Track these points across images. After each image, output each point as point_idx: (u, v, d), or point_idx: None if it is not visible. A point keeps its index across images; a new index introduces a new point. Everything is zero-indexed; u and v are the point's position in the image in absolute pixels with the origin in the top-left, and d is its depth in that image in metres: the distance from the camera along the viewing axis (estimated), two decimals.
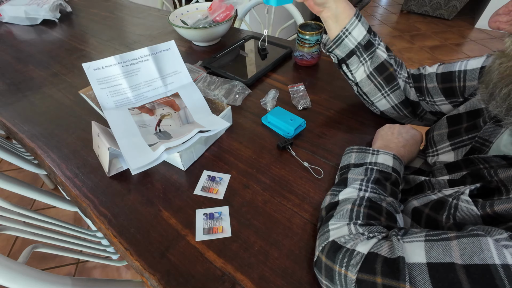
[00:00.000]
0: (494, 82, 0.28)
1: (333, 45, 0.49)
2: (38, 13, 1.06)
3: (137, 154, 0.44)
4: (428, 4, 2.97)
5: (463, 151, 0.40)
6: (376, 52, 0.48)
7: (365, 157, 0.44)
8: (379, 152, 0.44)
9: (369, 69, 0.49)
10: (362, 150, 0.46)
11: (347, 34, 0.47)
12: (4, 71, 0.79)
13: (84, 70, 0.51)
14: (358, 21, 0.47)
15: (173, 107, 0.55)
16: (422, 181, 0.41)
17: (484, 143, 0.37)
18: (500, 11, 0.26)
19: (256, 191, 0.47)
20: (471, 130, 0.40)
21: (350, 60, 0.49)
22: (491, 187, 0.31)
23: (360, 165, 0.43)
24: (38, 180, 1.45)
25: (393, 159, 0.43)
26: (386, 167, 0.42)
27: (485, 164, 0.34)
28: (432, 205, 0.34)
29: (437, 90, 0.48)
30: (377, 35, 0.50)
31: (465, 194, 0.30)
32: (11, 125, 0.60)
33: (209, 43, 0.90)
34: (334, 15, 0.46)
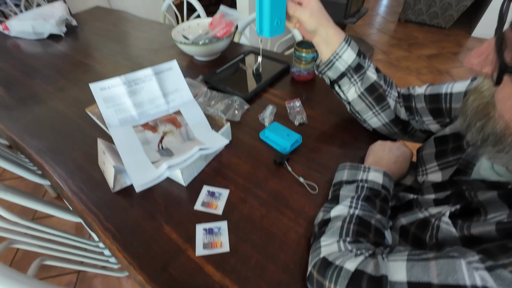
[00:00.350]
0: (470, 116, 0.31)
1: (325, 67, 0.52)
2: (45, 28, 1.10)
3: (140, 172, 0.46)
4: (425, 13, 3.02)
5: (450, 171, 0.42)
6: (366, 73, 0.51)
7: (356, 174, 0.47)
8: (370, 169, 0.46)
9: (360, 89, 0.52)
10: (354, 167, 0.48)
11: (337, 57, 0.50)
12: (12, 85, 0.82)
13: (91, 90, 0.54)
14: (347, 46, 0.49)
15: (175, 124, 0.58)
16: (410, 199, 0.44)
17: (468, 165, 0.40)
18: (472, 54, 0.29)
19: (254, 206, 0.49)
20: (456, 151, 0.42)
21: (342, 81, 0.52)
22: (471, 208, 0.34)
23: (352, 182, 0.46)
24: (40, 188, 1.48)
25: (383, 176, 0.45)
26: (376, 184, 0.44)
27: (467, 185, 0.37)
28: (417, 225, 0.36)
29: (425, 110, 0.51)
30: (367, 57, 0.53)
31: (445, 215, 0.32)
32: (20, 140, 0.62)
33: (209, 58, 0.93)
34: (325, 41, 0.49)
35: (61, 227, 1.32)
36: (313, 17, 0.46)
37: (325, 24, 0.48)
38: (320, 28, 0.48)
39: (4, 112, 0.72)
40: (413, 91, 0.54)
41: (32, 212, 1.35)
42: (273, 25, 0.46)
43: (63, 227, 1.28)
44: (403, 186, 0.54)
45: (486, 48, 0.28)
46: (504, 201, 0.31)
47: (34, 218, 1.33)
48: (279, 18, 0.46)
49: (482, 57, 0.28)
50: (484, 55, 0.28)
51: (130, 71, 0.88)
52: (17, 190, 0.59)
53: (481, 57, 0.28)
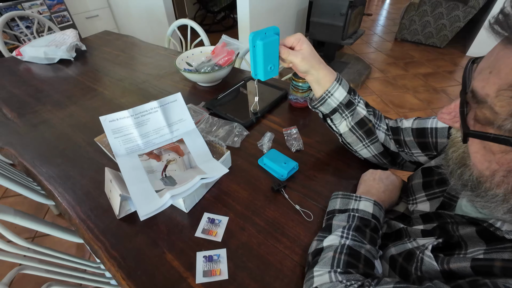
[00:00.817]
0: (451, 165, 0.34)
1: (317, 103, 0.56)
2: (56, 54, 1.16)
3: (145, 201, 0.49)
4: (420, 33, 3.12)
5: (436, 202, 0.45)
6: (356, 109, 0.55)
7: (348, 203, 0.50)
8: (361, 199, 0.49)
9: (350, 123, 0.56)
10: (346, 196, 0.51)
11: (329, 95, 0.54)
12: (24, 111, 0.87)
13: (101, 122, 0.58)
14: (339, 85, 0.53)
15: (178, 152, 0.62)
16: (400, 228, 0.46)
17: (452, 198, 0.43)
18: (443, 111, 0.33)
19: (252, 233, 0.52)
20: (441, 184, 0.45)
21: (334, 116, 0.56)
22: (453, 242, 0.36)
23: (344, 211, 0.48)
24: (43, 205, 1.50)
25: (373, 205, 0.48)
26: (367, 214, 0.47)
27: (451, 219, 0.39)
28: (404, 256, 0.39)
29: (413, 143, 0.54)
30: (357, 93, 0.57)
31: (428, 249, 0.35)
32: (31, 167, 0.66)
33: (211, 84, 0.98)
34: (317, 80, 0.53)
35: (62, 246, 1.33)
36: (305, 60, 0.50)
37: (316, 67, 0.52)
38: (311, 70, 0.52)
39: (16, 138, 0.76)
40: (401, 123, 0.57)
41: (34, 231, 1.37)
42: (267, 69, 0.50)
43: (64, 245, 1.30)
44: (396, 213, 0.56)
45: (453, 108, 0.32)
46: (481, 237, 0.34)
47: (35, 236, 1.35)
48: (272, 63, 0.50)
49: (452, 115, 0.32)
50: (453, 112, 0.32)
51: (136, 96, 0.93)
52: (25, 214, 0.62)
53: (451, 114, 0.32)
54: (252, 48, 0.48)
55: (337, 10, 2.11)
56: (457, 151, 0.33)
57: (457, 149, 0.34)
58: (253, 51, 0.48)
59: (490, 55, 0.27)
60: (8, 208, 0.60)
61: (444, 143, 0.50)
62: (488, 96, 0.25)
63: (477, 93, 0.27)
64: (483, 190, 0.30)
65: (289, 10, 2.41)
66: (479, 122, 0.28)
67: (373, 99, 2.29)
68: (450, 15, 2.81)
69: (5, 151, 0.72)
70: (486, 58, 0.27)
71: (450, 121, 0.32)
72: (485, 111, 0.26)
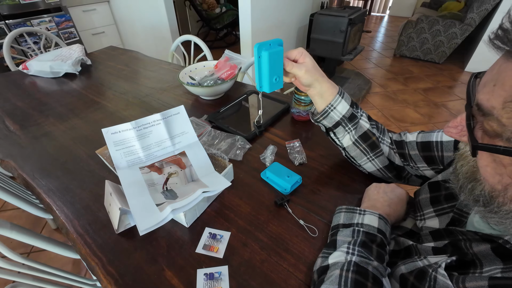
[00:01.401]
0: (461, 179, 0.33)
1: (320, 117, 0.55)
2: (62, 68, 1.18)
3: (145, 215, 0.48)
4: (419, 49, 3.19)
5: (446, 218, 0.44)
6: (359, 122, 0.55)
7: (352, 217, 0.48)
8: (366, 212, 0.48)
9: (354, 137, 0.55)
10: (350, 210, 0.49)
11: (332, 108, 0.53)
12: (27, 123, 0.87)
13: (103, 134, 0.58)
14: (341, 98, 0.53)
15: (180, 165, 0.61)
16: (410, 245, 0.44)
17: (462, 214, 0.41)
18: (450, 125, 0.32)
19: (254, 249, 0.50)
20: (449, 199, 0.44)
21: (337, 129, 0.55)
22: (467, 260, 0.35)
23: (349, 225, 0.47)
24: (41, 219, 1.47)
25: (379, 219, 0.46)
26: (372, 228, 0.45)
27: (463, 236, 0.38)
28: (416, 274, 0.37)
29: (419, 157, 0.53)
30: (359, 107, 0.56)
31: (441, 267, 0.33)
32: (30, 179, 0.65)
33: (214, 97, 0.99)
34: (320, 94, 0.53)
35: (58, 261, 1.30)
36: (308, 73, 0.50)
37: (319, 79, 0.52)
38: (315, 83, 0.52)
39: (17, 150, 0.75)
40: (405, 137, 0.56)
41: (29, 245, 1.33)
42: (272, 81, 0.50)
43: (61, 261, 1.26)
44: (404, 229, 0.54)
45: (459, 121, 0.31)
46: (497, 255, 0.32)
47: (31, 251, 1.31)
48: (277, 75, 0.50)
49: (458, 128, 0.31)
50: (460, 126, 0.31)
51: (139, 109, 0.94)
52: (22, 228, 0.61)
53: (458, 128, 0.31)
54: (257, 59, 0.48)
55: (337, 27, 2.17)
56: (466, 165, 0.32)
57: (466, 163, 0.33)
58: (258, 62, 0.48)
59: (493, 68, 0.27)
60: (4, 222, 0.59)
61: (450, 156, 0.49)
62: (494, 108, 0.25)
63: (483, 106, 0.26)
64: (496, 205, 0.29)
65: (290, 27, 2.48)
66: (487, 135, 0.27)
67: (374, 113, 2.30)
68: (447, 32, 2.88)
69: (6, 164, 0.72)
70: (489, 71, 0.27)
71: (457, 135, 0.32)
72: (492, 123, 0.26)
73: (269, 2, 2.02)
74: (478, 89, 0.28)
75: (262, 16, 2.00)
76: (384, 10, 5.47)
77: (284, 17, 2.31)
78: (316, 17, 2.24)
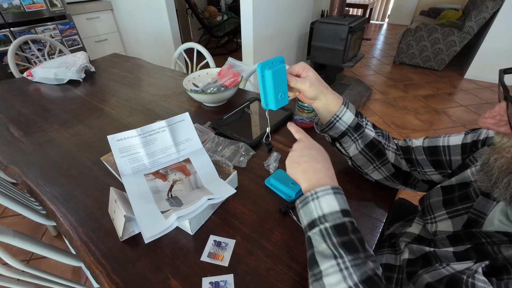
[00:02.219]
0: (496, 173, 0.33)
1: (326, 127, 0.55)
2: (66, 75, 1.19)
3: (151, 222, 0.48)
4: (418, 57, 3.22)
5: (459, 220, 0.43)
6: (365, 131, 0.55)
7: (310, 210, 0.40)
8: (318, 194, 0.40)
9: (360, 146, 0.55)
10: (304, 202, 0.42)
11: (338, 119, 0.53)
12: (31, 130, 0.87)
13: (109, 141, 0.58)
14: (346, 108, 0.53)
15: (184, 172, 0.61)
16: (427, 253, 0.43)
17: (479, 215, 0.40)
18: (486, 115, 0.32)
19: (260, 258, 0.49)
20: (464, 200, 0.43)
21: (343, 139, 0.55)
22: (498, 265, 0.33)
23: (312, 224, 0.40)
24: (41, 226, 1.46)
25: (335, 195, 0.40)
26: (336, 215, 0.38)
27: (487, 238, 0.37)
28: (447, 282, 0.34)
29: (426, 162, 0.53)
30: (364, 116, 0.57)
31: (479, 273, 0.31)
32: (34, 186, 0.65)
33: (217, 104, 0.99)
34: (325, 106, 0.53)
35: (59, 269, 1.28)
36: (313, 86, 0.50)
37: (324, 91, 0.52)
38: (320, 95, 0.51)
39: (21, 157, 0.75)
40: (411, 143, 0.57)
41: (30, 252, 1.32)
42: (278, 98, 0.49)
43: (61, 269, 1.25)
44: (411, 235, 0.53)
45: (498, 111, 0.31)
46: None
47: (30, 258, 1.30)
48: (282, 91, 0.50)
49: (496, 118, 0.31)
50: (498, 116, 0.31)
51: (143, 116, 0.94)
52: (24, 235, 0.60)
53: (496, 118, 0.31)
54: (261, 78, 0.48)
55: (337, 35, 2.19)
56: (501, 158, 0.32)
57: (500, 156, 0.32)
58: (263, 81, 0.48)
59: None
60: (7, 229, 0.59)
61: (458, 160, 0.49)
62: None
63: None
64: None
65: (291, 34, 2.51)
66: None
67: (375, 120, 2.31)
68: (446, 40, 2.91)
69: (10, 170, 0.71)
70: None
71: (495, 125, 0.31)
72: None
73: (270, 10, 2.05)
74: None
75: (264, 24, 2.03)
76: (383, 18, 5.54)
77: (285, 25, 2.34)
78: (317, 25, 2.27)
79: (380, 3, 5.39)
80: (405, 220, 0.64)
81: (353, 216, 0.40)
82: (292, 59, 2.68)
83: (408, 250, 0.47)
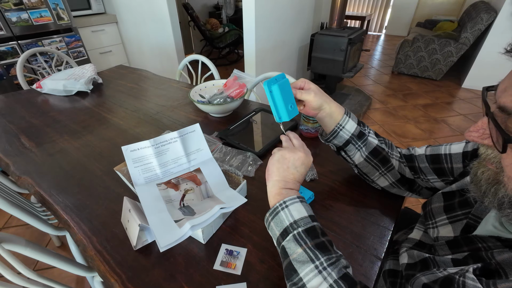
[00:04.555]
0: (484, 185, 0.35)
1: (330, 136, 0.58)
2: (75, 86, 1.22)
3: (165, 231, 0.49)
4: (416, 67, 3.28)
5: (459, 225, 0.44)
6: (368, 139, 0.57)
7: (281, 220, 0.43)
8: (288, 204, 0.44)
9: (364, 153, 0.57)
10: (274, 213, 0.45)
11: (341, 128, 0.56)
12: (42, 140, 0.89)
13: (123, 151, 0.60)
14: (348, 118, 0.56)
15: (195, 181, 0.62)
16: (426, 258, 0.45)
17: (477, 220, 0.42)
18: (471, 129, 0.34)
19: (272, 266, 0.50)
20: (464, 206, 0.45)
21: (347, 148, 0.58)
22: (491, 269, 0.35)
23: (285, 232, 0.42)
24: (45, 236, 1.46)
25: (301, 204, 0.44)
26: (306, 220, 0.42)
27: (483, 243, 0.38)
28: (441, 282, 0.36)
29: (429, 169, 0.55)
30: (366, 124, 0.59)
31: (469, 272, 0.33)
32: (47, 196, 0.66)
33: (223, 115, 1.02)
34: (329, 115, 0.56)
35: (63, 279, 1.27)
36: (317, 96, 0.54)
37: (327, 101, 0.55)
38: (324, 104, 0.55)
39: (33, 168, 0.77)
40: (414, 151, 0.59)
41: (35, 261, 1.31)
42: (289, 109, 0.52)
43: (65, 279, 1.24)
44: (412, 241, 0.54)
45: (481, 125, 0.33)
46: None
47: (35, 268, 1.29)
48: (291, 102, 0.53)
49: (480, 132, 0.34)
50: (481, 130, 0.33)
51: (150, 126, 0.96)
52: (36, 245, 0.61)
53: (479, 132, 0.34)
54: (269, 94, 0.51)
55: (337, 46, 2.25)
56: (488, 171, 0.34)
57: (486, 169, 0.34)
58: (271, 96, 0.51)
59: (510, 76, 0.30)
60: (19, 238, 0.59)
61: (459, 168, 0.51)
62: None
63: (507, 107, 0.29)
64: None
65: (292, 46, 2.57)
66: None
67: (376, 128, 2.33)
68: (443, 51, 2.98)
69: (22, 180, 0.73)
70: (507, 78, 0.31)
71: (479, 138, 0.34)
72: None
73: (272, 23, 2.11)
74: (499, 95, 0.31)
75: (265, 36, 2.09)
76: (380, 29, 5.67)
77: (286, 37, 2.40)
78: (317, 37, 2.33)
79: (377, 15, 5.52)
80: (408, 228, 0.65)
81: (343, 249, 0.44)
82: (293, 70, 2.74)
83: (408, 255, 0.48)
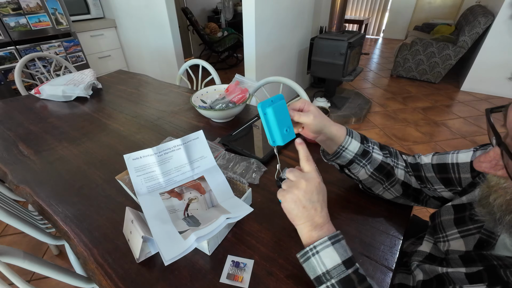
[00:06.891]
0: (497, 213, 0.34)
1: (333, 157, 0.55)
2: (74, 92, 1.20)
3: (170, 244, 0.47)
4: (415, 70, 3.29)
5: (471, 239, 0.43)
6: (373, 156, 0.55)
7: (313, 267, 0.41)
8: (318, 249, 0.41)
9: (369, 170, 0.55)
10: (305, 257, 0.43)
11: (344, 149, 0.54)
12: (41, 148, 0.87)
13: (125, 160, 0.58)
14: (351, 138, 0.53)
15: (199, 190, 0.61)
16: (440, 274, 0.43)
17: (490, 235, 0.41)
18: (482, 159, 0.33)
19: (280, 278, 0.49)
20: (475, 220, 0.44)
21: (351, 166, 0.55)
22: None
23: (319, 281, 0.41)
24: (42, 245, 1.43)
25: (333, 247, 0.40)
26: (339, 269, 0.39)
27: (499, 261, 0.37)
28: None
29: (435, 179, 0.54)
30: (369, 139, 0.56)
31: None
32: (46, 205, 0.64)
33: (225, 120, 1.00)
34: (330, 138, 0.53)
35: None
36: (316, 119, 0.50)
37: (327, 124, 0.52)
38: (323, 127, 0.51)
39: (32, 176, 0.75)
40: (420, 159, 0.57)
41: (31, 272, 1.28)
42: (283, 133, 0.48)
43: None
44: (422, 253, 0.53)
45: (493, 156, 0.32)
46: None
47: (31, 279, 1.26)
48: (287, 125, 0.48)
49: (492, 163, 0.32)
50: (494, 161, 0.32)
51: (152, 132, 0.95)
52: (34, 257, 0.59)
53: (492, 162, 0.32)
54: (263, 116, 0.47)
55: (337, 50, 2.25)
56: (501, 197, 0.33)
57: (499, 195, 0.33)
58: (265, 119, 0.47)
59: None
60: (17, 250, 0.57)
61: (467, 178, 0.50)
62: None
63: None
64: None
65: (291, 50, 2.57)
66: None
67: (376, 132, 2.33)
68: (441, 54, 3.00)
69: (20, 190, 0.71)
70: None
71: (492, 169, 0.32)
72: None
73: (271, 27, 2.11)
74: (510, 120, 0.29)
75: (265, 40, 2.09)
76: (378, 33, 5.70)
77: (286, 41, 2.40)
78: (317, 41, 2.33)
79: (375, 18, 5.56)
80: (416, 238, 0.64)
81: (356, 260, 0.41)
82: (292, 73, 2.74)
83: (421, 271, 0.46)
